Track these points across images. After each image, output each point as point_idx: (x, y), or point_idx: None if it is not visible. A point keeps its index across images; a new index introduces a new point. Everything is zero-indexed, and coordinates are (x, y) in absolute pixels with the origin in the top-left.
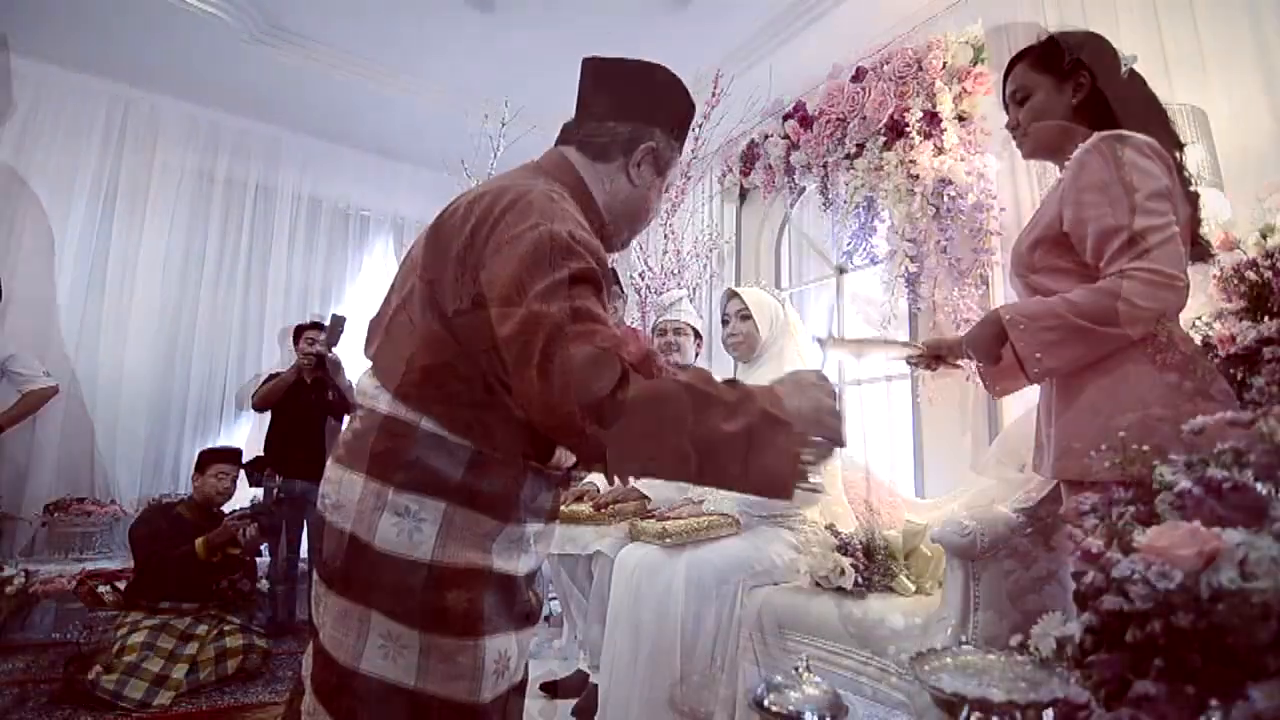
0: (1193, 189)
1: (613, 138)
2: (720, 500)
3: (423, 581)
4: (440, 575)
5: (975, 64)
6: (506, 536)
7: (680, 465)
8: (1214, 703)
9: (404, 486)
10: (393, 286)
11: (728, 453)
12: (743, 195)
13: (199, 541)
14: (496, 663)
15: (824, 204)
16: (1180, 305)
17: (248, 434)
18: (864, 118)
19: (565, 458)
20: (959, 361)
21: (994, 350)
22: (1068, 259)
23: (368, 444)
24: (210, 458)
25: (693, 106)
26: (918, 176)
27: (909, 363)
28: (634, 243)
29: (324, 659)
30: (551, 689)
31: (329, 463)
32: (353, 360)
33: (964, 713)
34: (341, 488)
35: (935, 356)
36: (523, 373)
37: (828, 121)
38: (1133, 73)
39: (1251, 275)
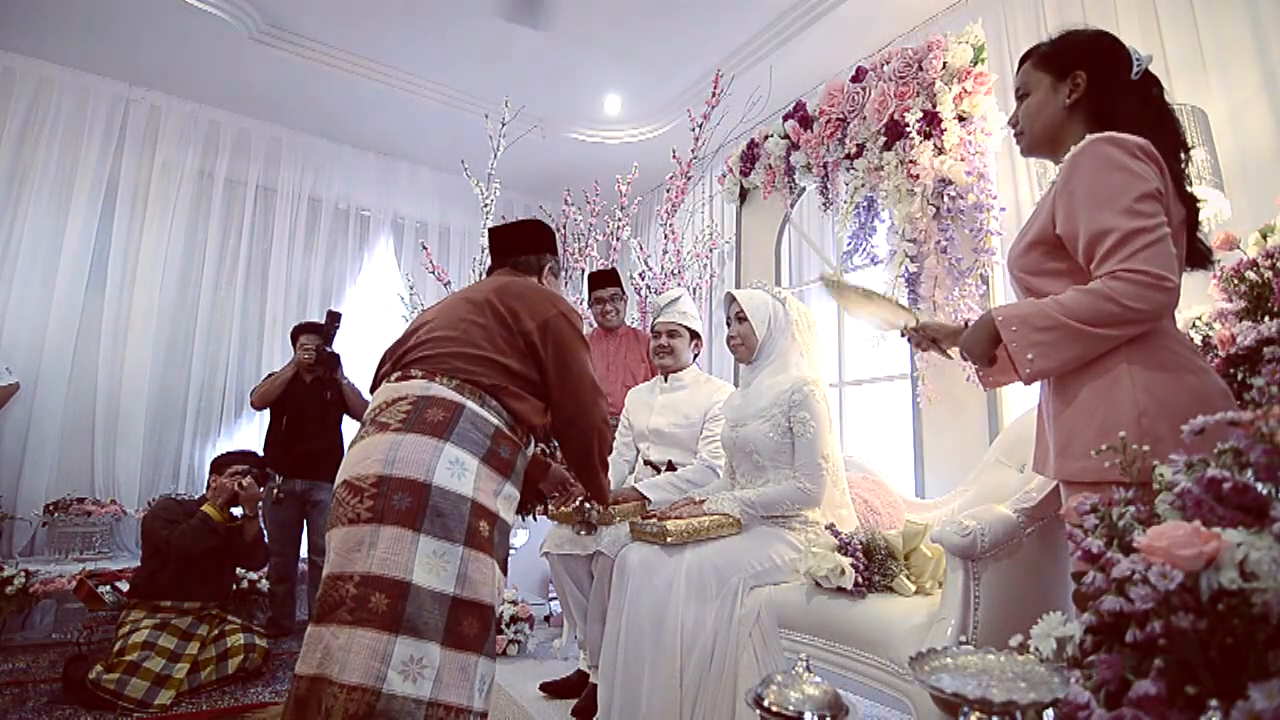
0: (1190, 190)
1: (530, 262)
2: (720, 500)
3: (466, 510)
4: (476, 507)
5: (975, 64)
6: (504, 493)
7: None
8: (1214, 703)
9: (454, 444)
10: (447, 310)
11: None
12: (743, 195)
13: (207, 506)
14: (498, 582)
15: (824, 204)
16: (1171, 305)
17: (248, 435)
18: (864, 118)
19: (534, 445)
20: (951, 351)
21: (988, 352)
22: (1062, 260)
23: (425, 416)
24: (227, 460)
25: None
26: (918, 176)
27: (903, 335)
28: (635, 243)
29: (369, 584)
30: (551, 689)
31: (374, 434)
32: (352, 357)
33: (964, 713)
34: (402, 447)
35: (931, 340)
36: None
37: (828, 122)
38: (1147, 73)
39: (1251, 275)
